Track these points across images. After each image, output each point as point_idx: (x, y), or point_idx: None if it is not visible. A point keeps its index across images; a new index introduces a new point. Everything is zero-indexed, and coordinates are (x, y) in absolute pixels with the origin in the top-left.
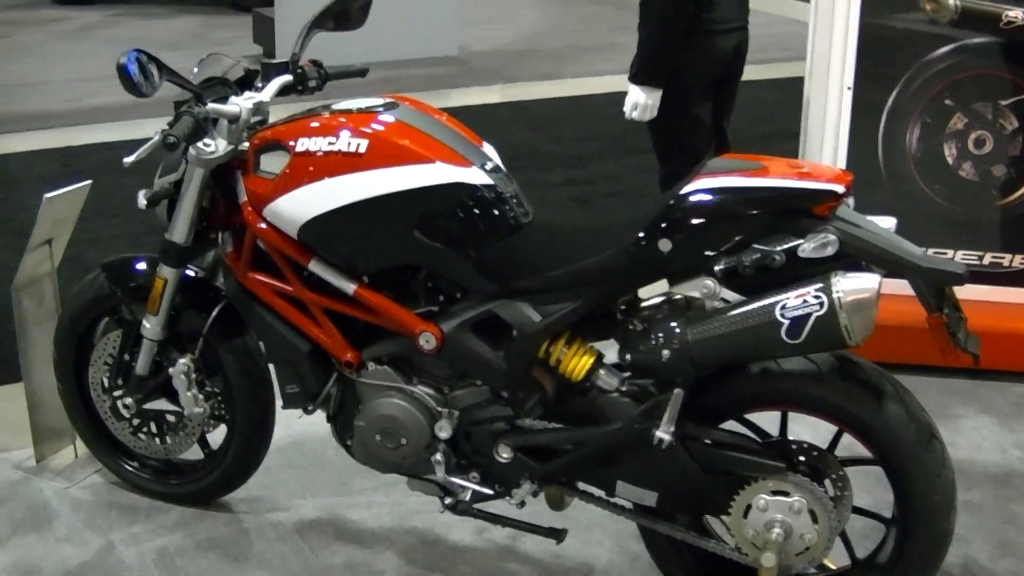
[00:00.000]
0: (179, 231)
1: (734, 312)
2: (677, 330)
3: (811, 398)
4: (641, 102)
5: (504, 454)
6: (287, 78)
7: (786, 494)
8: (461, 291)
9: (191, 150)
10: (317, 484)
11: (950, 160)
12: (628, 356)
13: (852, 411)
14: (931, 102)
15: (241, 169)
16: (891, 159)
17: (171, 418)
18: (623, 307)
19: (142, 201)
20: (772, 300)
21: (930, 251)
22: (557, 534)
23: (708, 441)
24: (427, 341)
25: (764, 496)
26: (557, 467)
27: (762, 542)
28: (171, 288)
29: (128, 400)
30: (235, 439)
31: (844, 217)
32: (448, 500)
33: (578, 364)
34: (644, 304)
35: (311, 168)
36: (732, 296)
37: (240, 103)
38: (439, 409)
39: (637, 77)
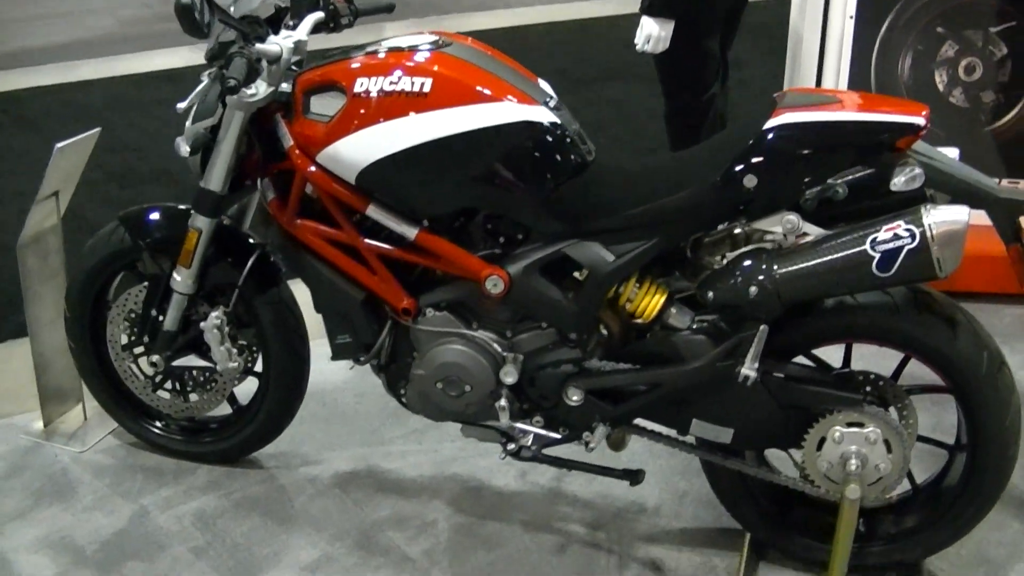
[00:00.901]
0: (215, 179)
1: (822, 247)
2: (763, 266)
3: (886, 330)
4: (655, 34)
5: (574, 397)
6: (319, 15)
7: (860, 425)
8: (522, 232)
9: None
10: (344, 435)
11: (941, 87)
12: (710, 294)
13: (927, 341)
14: (923, 30)
15: (281, 112)
16: (884, 88)
17: (199, 374)
18: (691, 244)
19: (184, 149)
20: (861, 234)
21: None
22: (634, 476)
23: (784, 376)
24: (494, 285)
25: (839, 428)
26: (631, 408)
27: (836, 474)
28: (206, 239)
29: (155, 357)
30: (270, 392)
31: (919, 150)
32: (511, 446)
33: (650, 303)
34: (710, 240)
35: (372, 110)
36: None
37: (280, 43)
38: (504, 354)
39: (652, 8)
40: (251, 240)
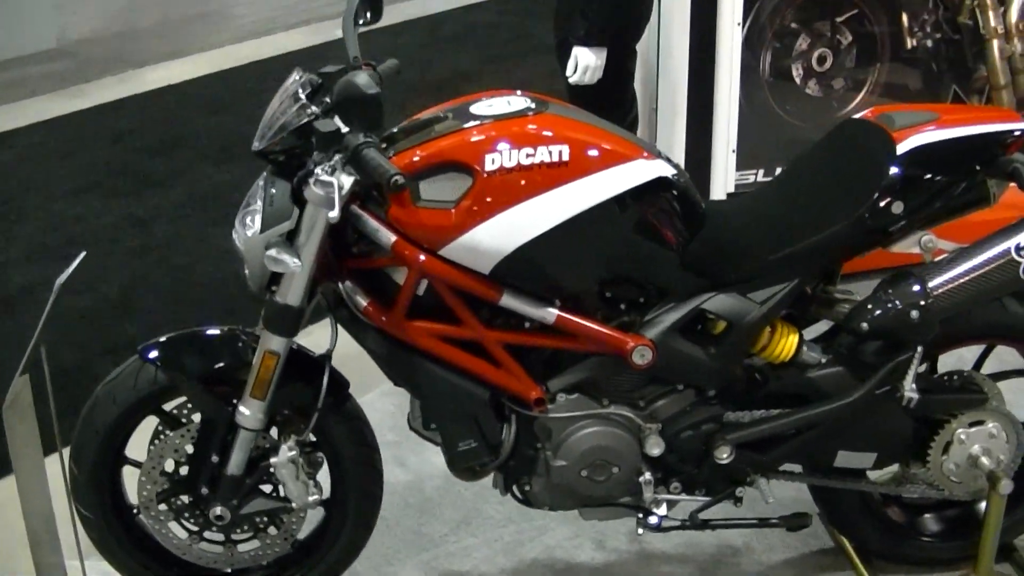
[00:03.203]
0: (295, 291)
1: (967, 260)
2: (916, 288)
3: (1001, 327)
4: (593, 64)
5: (723, 455)
6: None
7: (981, 423)
8: (644, 295)
9: (315, 188)
10: (390, 543)
11: (798, 80)
12: (864, 324)
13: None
14: (780, 26)
15: (358, 203)
16: (747, 86)
17: (266, 516)
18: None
19: (295, 262)
20: (1002, 242)
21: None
22: (800, 520)
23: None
24: (642, 356)
25: (963, 430)
26: (782, 453)
27: (963, 475)
28: (283, 363)
29: (218, 509)
30: (350, 518)
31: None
32: (652, 520)
33: (785, 345)
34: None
35: (511, 188)
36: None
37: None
38: (647, 426)
39: (589, 38)
40: (311, 354)
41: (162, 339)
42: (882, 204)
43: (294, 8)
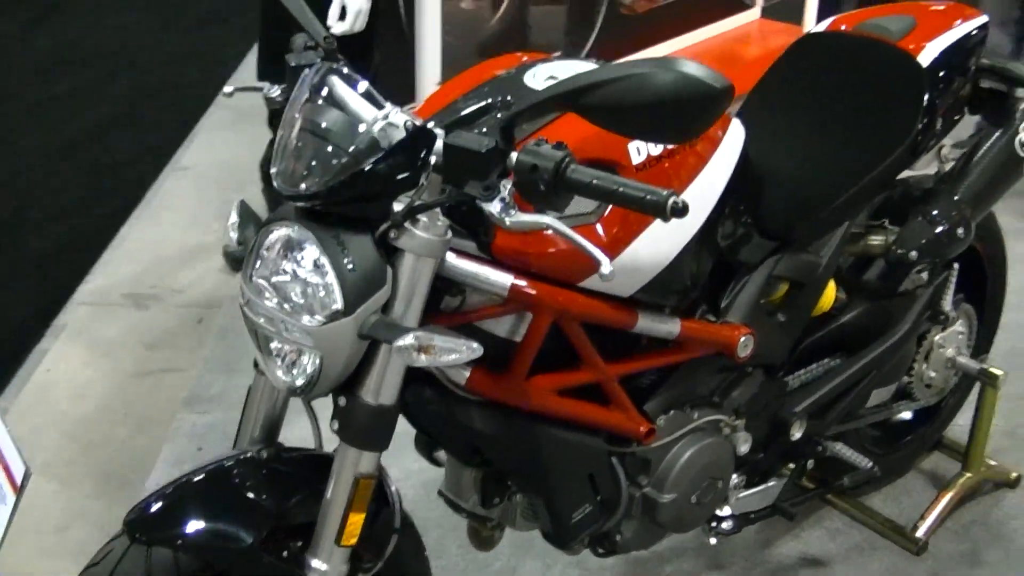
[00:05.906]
0: (391, 384)
1: (981, 163)
2: (952, 204)
3: None
4: (364, 6)
5: (797, 431)
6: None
7: (948, 323)
8: (711, 275)
9: (415, 231)
10: None
11: None
12: (913, 253)
13: None
14: None
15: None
16: None
17: None
18: None
19: (471, 347)
20: (1005, 141)
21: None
22: (869, 474)
23: None
24: (746, 345)
25: (939, 334)
26: (842, 408)
27: (939, 378)
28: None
29: None
30: None
31: None
32: (725, 525)
33: (829, 294)
34: None
35: (666, 179)
36: None
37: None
38: (733, 423)
39: None
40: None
41: (160, 503)
42: (927, 124)
43: None
